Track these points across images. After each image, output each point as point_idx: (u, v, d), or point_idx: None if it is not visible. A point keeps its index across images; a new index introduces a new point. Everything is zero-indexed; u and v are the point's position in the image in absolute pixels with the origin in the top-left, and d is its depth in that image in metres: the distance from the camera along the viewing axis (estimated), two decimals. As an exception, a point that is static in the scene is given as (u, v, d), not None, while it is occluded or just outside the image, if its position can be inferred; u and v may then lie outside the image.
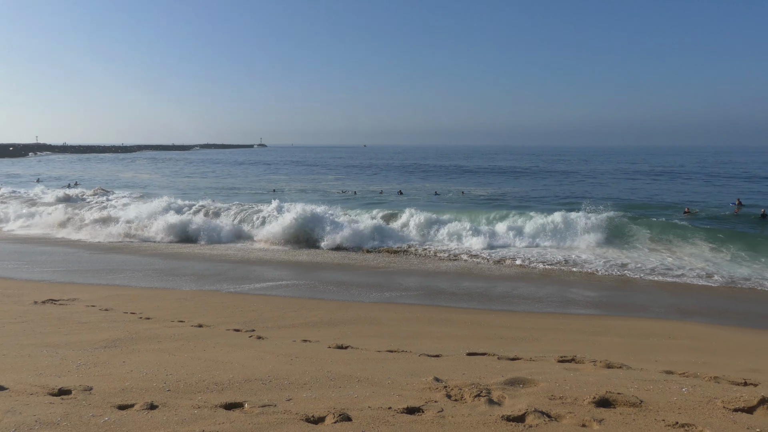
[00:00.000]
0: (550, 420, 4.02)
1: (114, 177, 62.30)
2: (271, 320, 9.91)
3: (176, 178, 61.26)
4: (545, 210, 27.59)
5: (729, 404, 4.28)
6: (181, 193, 41.22)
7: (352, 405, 4.35)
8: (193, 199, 30.90)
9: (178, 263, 17.88)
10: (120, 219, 24.96)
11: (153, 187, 48.10)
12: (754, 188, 44.34)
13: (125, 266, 17.05)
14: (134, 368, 5.53)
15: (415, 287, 14.78)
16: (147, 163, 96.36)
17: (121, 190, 43.16)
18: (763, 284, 15.15)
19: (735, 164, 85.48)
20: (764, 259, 17.60)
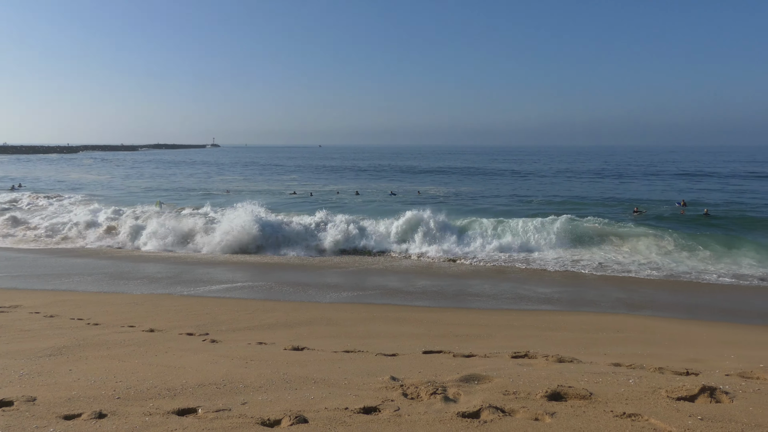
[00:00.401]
0: (504, 415, 4.10)
1: (60, 178, 59.98)
2: (226, 323, 9.75)
3: (126, 180, 59.43)
4: (501, 210, 28.10)
5: (672, 393, 4.46)
6: (131, 196, 40.14)
7: (309, 407, 4.33)
8: (139, 203, 30.19)
9: (129, 266, 17.37)
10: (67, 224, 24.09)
11: (103, 189, 46.54)
12: (694, 186, 46.34)
13: (72, 270, 16.44)
14: (81, 376, 5.34)
15: (372, 287, 14.81)
16: (92, 165, 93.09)
17: (70, 192, 41.64)
18: (702, 278, 15.89)
19: (679, 163, 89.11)
20: (703, 254, 18.42)
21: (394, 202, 35.60)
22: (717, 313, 12.37)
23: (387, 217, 23.34)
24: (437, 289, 14.63)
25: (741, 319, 11.79)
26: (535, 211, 28.52)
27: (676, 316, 11.95)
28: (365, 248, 20.60)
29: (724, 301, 13.60)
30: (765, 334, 10.20)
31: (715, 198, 36.28)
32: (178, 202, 34.44)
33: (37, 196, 37.13)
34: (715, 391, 4.46)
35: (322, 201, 34.56)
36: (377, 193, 41.50)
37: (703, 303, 13.40)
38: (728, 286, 15.09)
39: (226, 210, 26.49)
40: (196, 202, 34.39)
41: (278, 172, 72.32)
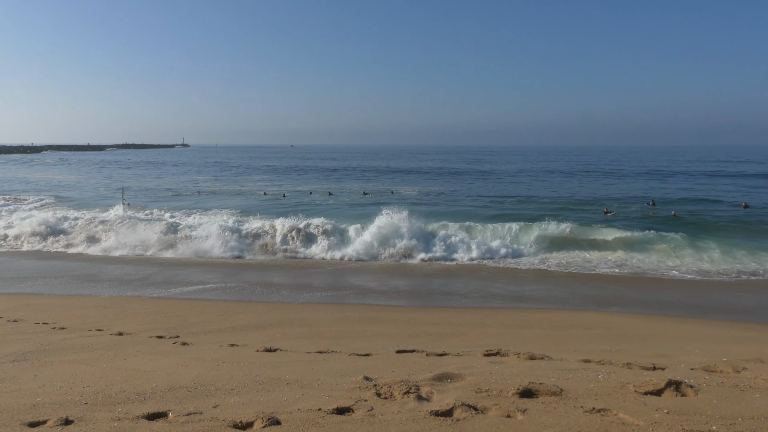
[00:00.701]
0: (476, 413, 4.13)
1: (23, 179, 58.41)
2: (197, 325, 9.62)
3: (91, 181, 58.15)
4: (475, 213, 28.18)
5: (640, 388, 4.56)
6: (98, 199, 39.31)
7: (281, 408, 4.30)
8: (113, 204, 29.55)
9: (97, 268, 17.00)
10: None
11: (69, 191, 45.46)
12: (657, 186, 47.41)
13: (38, 273, 16.02)
14: (47, 382, 5.21)
15: (345, 287, 14.79)
16: (55, 165, 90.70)
17: (33, 194, 40.58)
18: (668, 274, 16.32)
19: (646, 162, 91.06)
20: (668, 252, 18.85)
21: (367, 203, 35.56)
22: (682, 308, 12.69)
23: (360, 222, 22.92)
24: (410, 289, 14.68)
25: (705, 315, 12.11)
26: (507, 212, 28.85)
27: (642, 312, 12.21)
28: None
29: (688, 296, 13.95)
30: (727, 328, 10.49)
31: (688, 195, 37.07)
32: (148, 204, 33.78)
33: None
34: (681, 385, 4.57)
35: (295, 203, 33.83)
36: (350, 193, 41.34)
37: (668, 299, 13.73)
38: (691, 282, 15.49)
39: (194, 216, 26.13)
40: (166, 203, 33.81)
41: (250, 173, 71.58)
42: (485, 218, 26.21)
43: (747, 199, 33.90)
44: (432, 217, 24.99)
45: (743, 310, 12.73)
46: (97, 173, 69.21)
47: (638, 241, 19.90)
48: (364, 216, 24.95)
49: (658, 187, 45.83)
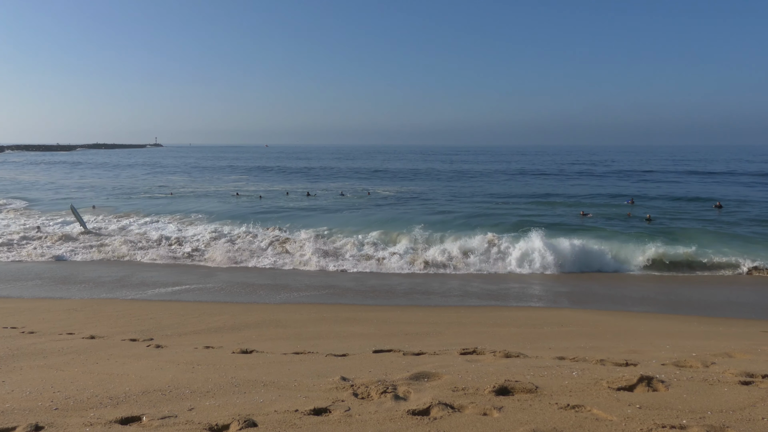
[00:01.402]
0: (453, 411, 4.16)
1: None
2: (171, 327, 9.49)
3: (60, 182, 56.94)
4: (462, 214, 28.18)
5: (613, 384, 4.64)
6: (64, 201, 38.52)
7: (258, 410, 4.27)
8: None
9: (68, 270, 16.65)
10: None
11: (35, 192, 44.48)
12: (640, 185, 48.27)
13: (5, 276, 15.62)
14: (15, 388, 5.08)
15: (321, 286, 14.74)
16: (22, 165, 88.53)
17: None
18: (628, 270, 16.69)
19: (620, 162, 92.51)
20: (631, 251, 19.11)
21: (345, 203, 35.47)
22: (652, 304, 12.95)
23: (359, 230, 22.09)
24: (387, 288, 14.69)
25: (676, 311, 12.38)
26: (483, 213, 29.01)
27: (616, 309, 12.43)
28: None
29: (658, 293, 14.24)
30: (696, 324, 10.73)
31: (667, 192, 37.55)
32: (118, 206, 33.14)
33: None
34: (652, 380, 4.67)
35: (275, 207, 32.60)
36: (327, 194, 40.99)
37: (639, 295, 13.99)
38: (660, 278, 15.82)
39: (173, 224, 25.32)
40: (138, 205, 33.12)
41: (225, 172, 70.81)
42: (461, 219, 26.36)
43: (721, 198, 34.19)
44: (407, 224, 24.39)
45: (710, 305, 13.05)
46: (65, 174, 67.81)
47: (605, 241, 19.89)
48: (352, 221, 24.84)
49: (641, 185, 46.66)
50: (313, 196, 39.80)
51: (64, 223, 25.35)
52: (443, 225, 23.55)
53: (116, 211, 30.68)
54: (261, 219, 24.96)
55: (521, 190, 44.63)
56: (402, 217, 26.87)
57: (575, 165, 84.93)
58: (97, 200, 36.54)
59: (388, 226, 23.12)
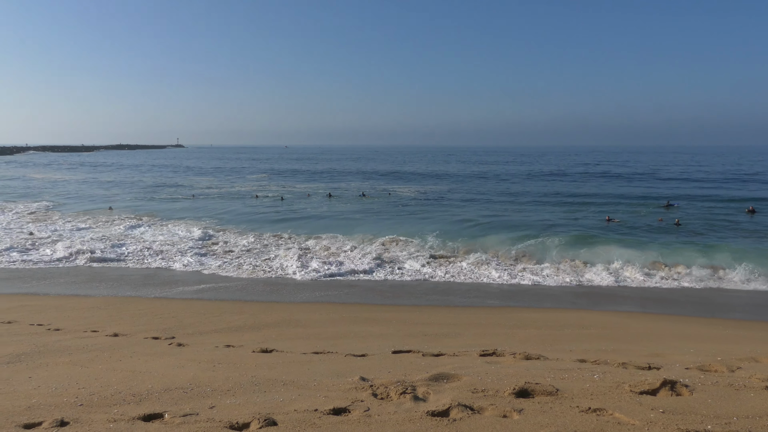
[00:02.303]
0: (473, 413, 4.14)
1: (16, 182, 58.18)
2: (192, 326, 9.59)
3: (83, 185, 57.95)
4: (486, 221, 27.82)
5: (635, 388, 4.58)
6: (87, 201, 39.17)
7: (278, 409, 4.29)
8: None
9: (93, 269, 16.91)
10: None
11: (58, 196, 45.32)
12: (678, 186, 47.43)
13: (34, 275, 15.93)
14: (42, 383, 5.19)
15: (340, 286, 14.77)
16: (43, 165, 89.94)
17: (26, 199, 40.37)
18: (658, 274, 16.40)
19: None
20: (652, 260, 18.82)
21: (367, 205, 35.47)
22: (675, 307, 12.74)
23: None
24: (407, 290, 14.67)
25: (699, 313, 12.17)
26: (496, 218, 28.75)
27: (638, 311, 12.25)
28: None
29: (681, 295, 14.00)
30: (721, 327, 10.54)
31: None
32: (139, 207, 33.55)
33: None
34: (676, 385, 4.59)
35: (300, 210, 31.99)
36: (348, 197, 40.81)
37: (660, 297, 13.78)
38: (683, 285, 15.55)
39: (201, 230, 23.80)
40: (157, 207, 33.33)
41: (246, 173, 71.37)
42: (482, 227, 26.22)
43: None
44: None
45: (734, 308, 12.80)
46: (87, 176, 68.92)
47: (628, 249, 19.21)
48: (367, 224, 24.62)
49: (667, 187, 45.59)
50: (335, 197, 39.80)
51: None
52: (468, 233, 23.31)
53: (137, 211, 31.11)
54: (297, 226, 24.94)
55: (543, 190, 44.34)
56: (421, 226, 26.65)
57: (599, 165, 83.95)
58: (120, 201, 37.11)
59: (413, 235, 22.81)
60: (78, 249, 19.09)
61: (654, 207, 31.96)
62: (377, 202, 36.14)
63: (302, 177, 64.40)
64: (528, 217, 28.87)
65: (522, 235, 21.91)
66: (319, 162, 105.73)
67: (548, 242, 20.49)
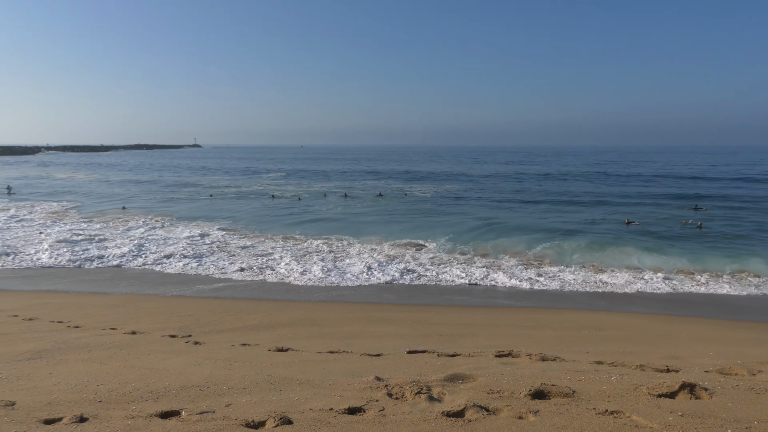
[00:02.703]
0: (488, 414, 4.12)
1: (42, 181, 59.12)
2: (209, 325, 9.68)
3: (102, 185, 58.67)
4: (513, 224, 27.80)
5: (653, 390, 4.52)
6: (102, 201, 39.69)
7: (293, 408, 4.31)
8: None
9: (112, 269, 17.14)
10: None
11: (77, 195, 45.95)
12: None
13: (58, 272, 16.18)
14: (62, 380, 5.26)
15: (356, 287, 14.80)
16: (60, 165, 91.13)
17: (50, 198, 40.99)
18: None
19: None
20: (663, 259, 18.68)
21: (383, 205, 35.47)
22: (692, 308, 12.57)
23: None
24: (421, 289, 14.65)
25: (718, 315, 11.99)
26: (510, 220, 28.57)
27: (655, 312, 12.11)
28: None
29: (699, 297, 13.82)
30: (741, 330, 10.38)
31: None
32: (155, 207, 33.84)
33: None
34: (695, 388, 4.53)
35: (316, 211, 32.04)
36: (364, 197, 40.80)
37: (678, 299, 13.60)
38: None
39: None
40: (174, 207, 33.56)
41: (264, 173, 71.76)
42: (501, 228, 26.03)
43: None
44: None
45: (755, 310, 12.59)
46: (106, 175, 69.76)
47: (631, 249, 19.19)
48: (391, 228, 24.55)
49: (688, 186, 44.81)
50: (351, 197, 39.81)
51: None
52: (484, 235, 23.20)
53: (153, 211, 31.41)
54: (313, 227, 24.97)
55: (560, 191, 44.02)
56: (436, 227, 26.62)
57: (617, 165, 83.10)
58: (137, 201, 37.50)
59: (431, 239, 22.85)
60: (85, 252, 19.41)
61: (678, 209, 31.35)
62: (393, 203, 36.15)
63: (318, 177, 64.67)
64: (545, 218, 28.69)
65: (539, 237, 21.90)
66: (335, 162, 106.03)
67: (565, 244, 20.39)
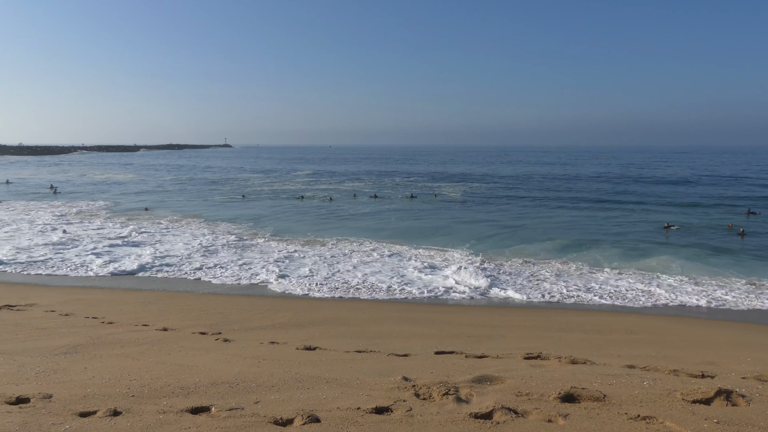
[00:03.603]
0: (516, 416, 4.07)
1: (81, 181, 60.74)
2: (238, 322, 9.80)
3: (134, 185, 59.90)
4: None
5: (688, 396, 4.41)
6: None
7: (321, 406, 4.33)
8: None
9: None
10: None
11: (110, 194, 47.03)
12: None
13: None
14: (96, 374, 5.39)
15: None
16: (92, 164, 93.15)
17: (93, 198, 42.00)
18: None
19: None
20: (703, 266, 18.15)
21: (413, 206, 35.42)
22: (728, 313, 12.23)
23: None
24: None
25: (755, 320, 11.65)
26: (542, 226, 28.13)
27: (688, 315, 11.83)
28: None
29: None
30: (781, 336, 10.07)
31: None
32: (183, 207, 34.23)
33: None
34: (732, 394, 4.40)
35: (346, 212, 31.96)
36: (394, 197, 40.58)
37: (714, 306, 13.25)
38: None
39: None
40: (207, 209, 33.66)
41: (295, 172, 72.32)
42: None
43: None
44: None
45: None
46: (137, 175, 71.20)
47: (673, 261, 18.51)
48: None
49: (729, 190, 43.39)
50: (381, 198, 39.83)
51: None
52: (515, 237, 22.88)
53: (181, 211, 31.84)
54: (342, 230, 24.71)
55: (597, 192, 43.35)
56: (466, 230, 26.36)
57: (655, 166, 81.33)
58: (170, 205, 38.13)
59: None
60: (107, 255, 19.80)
61: (722, 213, 30.10)
62: (424, 204, 36.03)
63: (348, 177, 64.91)
64: (578, 220, 28.32)
65: (572, 241, 21.53)
66: (365, 162, 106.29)
67: (600, 248, 20.03)
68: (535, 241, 21.98)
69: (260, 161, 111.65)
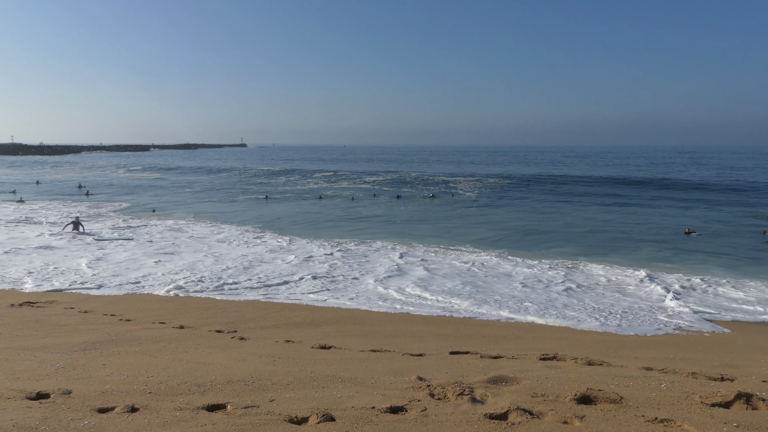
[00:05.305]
0: (532, 417, 4.05)
1: (100, 181, 61.53)
2: (253, 321, 9.86)
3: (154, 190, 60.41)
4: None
5: (707, 399, 4.35)
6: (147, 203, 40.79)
7: (336, 405, 4.34)
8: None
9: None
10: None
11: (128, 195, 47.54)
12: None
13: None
14: (114, 371, 5.45)
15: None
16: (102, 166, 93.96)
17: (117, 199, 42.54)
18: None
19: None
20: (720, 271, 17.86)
21: (431, 207, 35.37)
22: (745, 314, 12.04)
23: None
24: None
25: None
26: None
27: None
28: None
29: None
30: (803, 339, 9.89)
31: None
32: (198, 206, 34.51)
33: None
34: (752, 398, 4.33)
35: (365, 212, 31.91)
36: (411, 197, 40.52)
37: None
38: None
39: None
40: (229, 210, 33.62)
41: (313, 173, 72.33)
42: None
43: None
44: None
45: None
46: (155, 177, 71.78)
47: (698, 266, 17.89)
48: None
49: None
50: (403, 198, 39.92)
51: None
52: (530, 239, 22.78)
53: (197, 214, 32.10)
54: (363, 231, 24.65)
55: (612, 194, 42.96)
56: (483, 231, 26.28)
57: (673, 167, 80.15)
58: (193, 208, 38.48)
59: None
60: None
61: (755, 218, 28.73)
62: (441, 204, 36.00)
63: (367, 176, 64.89)
64: (592, 222, 28.07)
65: (587, 245, 21.34)
66: (381, 162, 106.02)
67: (616, 252, 19.86)
68: (552, 242, 21.95)
69: (279, 162, 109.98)
